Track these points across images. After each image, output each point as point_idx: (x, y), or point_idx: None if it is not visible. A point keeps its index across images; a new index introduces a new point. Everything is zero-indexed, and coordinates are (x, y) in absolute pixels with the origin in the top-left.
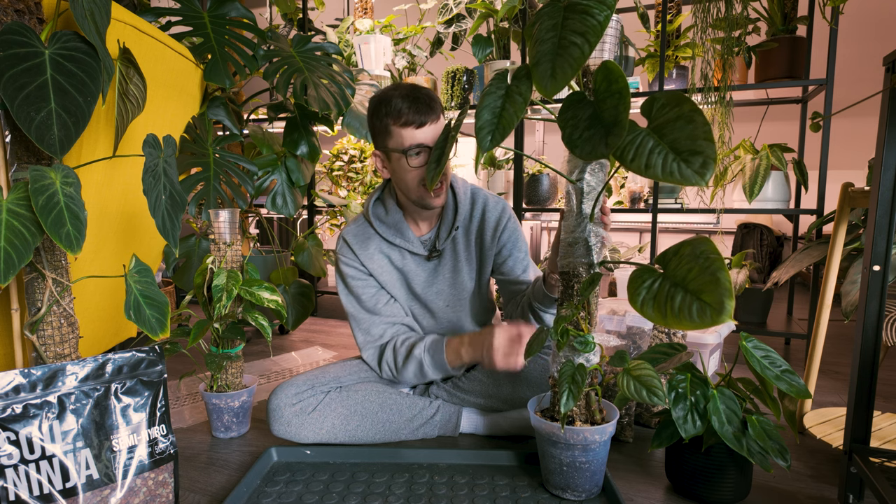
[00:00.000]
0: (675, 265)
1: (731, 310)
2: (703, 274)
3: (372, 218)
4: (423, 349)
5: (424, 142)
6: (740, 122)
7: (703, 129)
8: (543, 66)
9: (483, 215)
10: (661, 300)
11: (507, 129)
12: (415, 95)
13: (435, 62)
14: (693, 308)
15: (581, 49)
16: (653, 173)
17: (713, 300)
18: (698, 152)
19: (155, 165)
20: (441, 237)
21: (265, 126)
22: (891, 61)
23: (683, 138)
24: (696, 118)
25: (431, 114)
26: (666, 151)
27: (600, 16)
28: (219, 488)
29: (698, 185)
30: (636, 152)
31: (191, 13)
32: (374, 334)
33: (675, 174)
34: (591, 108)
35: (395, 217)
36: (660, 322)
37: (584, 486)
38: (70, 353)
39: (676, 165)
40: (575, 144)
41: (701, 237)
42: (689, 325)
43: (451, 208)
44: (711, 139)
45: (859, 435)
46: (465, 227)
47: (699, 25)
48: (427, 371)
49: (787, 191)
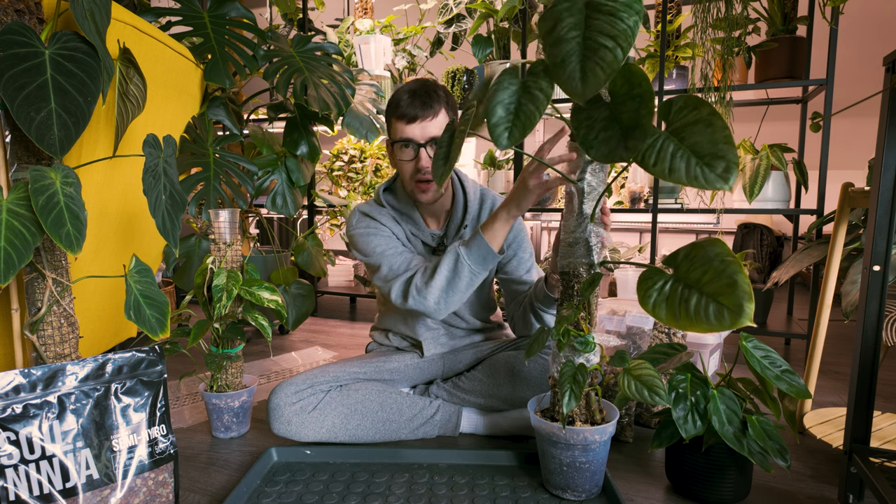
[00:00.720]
0: (686, 267)
1: (751, 312)
2: (721, 277)
3: (384, 201)
4: (457, 244)
5: (412, 137)
6: (740, 122)
7: (724, 133)
8: (571, 65)
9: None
10: (675, 302)
11: (528, 127)
12: (415, 91)
13: (435, 62)
14: (710, 310)
15: (613, 53)
16: (676, 178)
17: (731, 303)
18: (720, 156)
19: (155, 165)
20: (450, 234)
21: (265, 126)
22: (891, 61)
23: (704, 142)
24: (715, 122)
25: (426, 110)
26: (688, 156)
27: (629, 20)
28: (219, 488)
29: (722, 189)
30: (658, 156)
31: (191, 13)
32: (401, 270)
33: (700, 179)
34: (607, 109)
35: (408, 206)
36: (672, 324)
37: (584, 486)
38: (70, 353)
39: (700, 170)
40: (591, 145)
41: (712, 238)
42: (706, 328)
43: (460, 206)
44: (732, 143)
45: (859, 435)
46: (474, 226)
47: (699, 25)
48: (462, 262)
49: (787, 191)
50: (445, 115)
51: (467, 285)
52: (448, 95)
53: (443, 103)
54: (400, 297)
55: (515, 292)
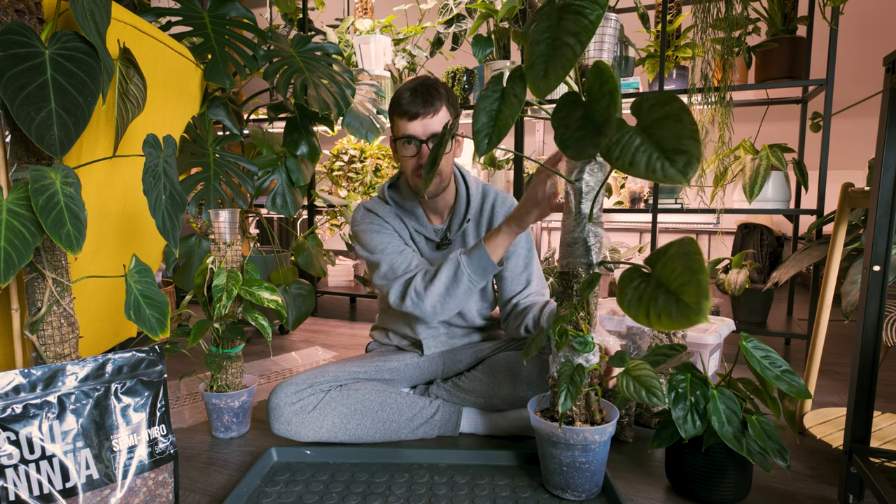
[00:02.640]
0: (661, 265)
1: (707, 310)
2: (684, 274)
3: (388, 197)
4: (458, 252)
5: (414, 133)
6: (740, 122)
7: (690, 128)
8: (537, 67)
9: (493, 209)
10: (646, 301)
11: (504, 132)
12: (417, 88)
13: (435, 62)
14: (672, 308)
15: (573, 49)
16: (635, 171)
17: (691, 301)
18: (683, 151)
19: (155, 165)
20: (453, 228)
21: (265, 126)
22: (891, 61)
23: (669, 137)
24: (683, 117)
25: (427, 107)
26: (651, 150)
27: (592, 15)
28: (219, 488)
29: (680, 183)
30: (622, 150)
31: (191, 13)
32: (400, 270)
33: (658, 172)
34: (583, 108)
35: (411, 202)
36: (644, 322)
37: (584, 487)
38: (70, 353)
39: (660, 164)
40: (566, 145)
41: (686, 237)
42: (669, 325)
43: (463, 201)
44: (697, 138)
45: (859, 435)
46: (476, 221)
47: (699, 25)
48: (462, 271)
49: (787, 191)
50: (447, 112)
51: (465, 293)
52: (449, 93)
53: (444, 101)
54: (398, 298)
55: (510, 292)
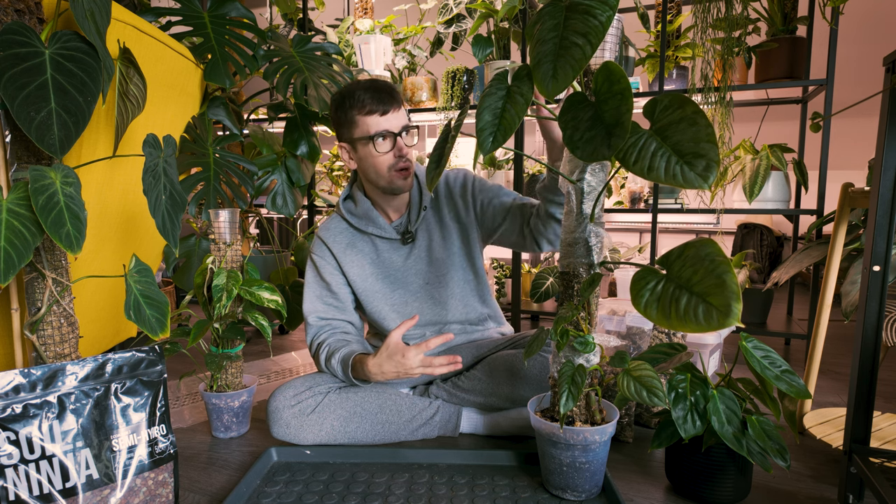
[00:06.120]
0: (679, 267)
1: (739, 313)
2: (709, 276)
3: (344, 212)
4: (347, 366)
5: (389, 128)
6: (740, 123)
7: (707, 131)
8: (545, 66)
9: (448, 189)
10: (666, 302)
11: (509, 131)
12: (376, 87)
13: (435, 62)
14: (699, 310)
15: (583, 50)
16: (655, 176)
17: (720, 303)
18: (701, 155)
19: (155, 165)
20: (412, 220)
21: (265, 126)
22: (891, 61)
23: (686, 141)
24: (699, 120)
25: (393, 102)
26: (669, 154)
27: (602, 16)
28: (219, 488)
29: (701, 188)
30: (639, 155)
31: (191, 13)
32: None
33: (679, 177)
34: (591, 109)
35: (364, 207)
36: (663, 324)
37: (584, 487)
38: (70, 353)
39: (679, 168)
40: (576, 146)
41: (705, 239)
42: (695, 328)
43: (416, 192)
44: (714, 142)
45: (859, 435)
46: (434, 207)
47: (699, 26)
48: (335, 372)
49: (787, 191)
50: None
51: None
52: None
53: (398, 94)
54: (308, 342)
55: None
